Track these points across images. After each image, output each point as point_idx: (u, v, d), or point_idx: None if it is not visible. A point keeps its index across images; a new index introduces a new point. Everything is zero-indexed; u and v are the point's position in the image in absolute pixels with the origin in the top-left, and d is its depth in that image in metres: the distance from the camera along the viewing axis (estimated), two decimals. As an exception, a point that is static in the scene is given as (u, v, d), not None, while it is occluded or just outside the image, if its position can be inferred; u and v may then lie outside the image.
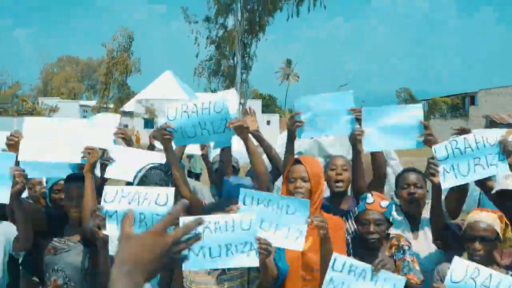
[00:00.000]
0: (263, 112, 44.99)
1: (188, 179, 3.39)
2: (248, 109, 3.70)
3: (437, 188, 2.82)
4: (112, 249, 2.49)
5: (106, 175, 3.25)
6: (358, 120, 3.05)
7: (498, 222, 2.59)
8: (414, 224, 3.21)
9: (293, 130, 3.07)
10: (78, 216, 2.96)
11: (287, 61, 65.93)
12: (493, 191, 2.98)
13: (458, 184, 2.82)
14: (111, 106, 39.57)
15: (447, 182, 2.78)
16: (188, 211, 2.45)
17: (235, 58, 28.75)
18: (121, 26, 41.54)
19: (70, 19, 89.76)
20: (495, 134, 2.77)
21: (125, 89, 40.46)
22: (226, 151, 3.50)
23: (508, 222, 2.64)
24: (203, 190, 4.19)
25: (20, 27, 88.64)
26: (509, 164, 2.70)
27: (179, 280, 2.57)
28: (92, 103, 47.30)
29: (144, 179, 2.78)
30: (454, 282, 2.42)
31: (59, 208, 3.25)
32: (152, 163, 2.93)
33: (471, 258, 2.59)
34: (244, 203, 2.53)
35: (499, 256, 2.81)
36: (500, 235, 2.59)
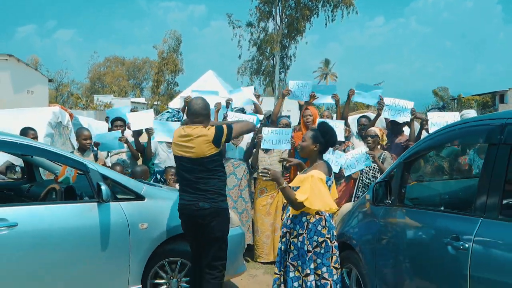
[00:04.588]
0: (300, 109, 46.76)
1: None
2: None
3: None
4: None
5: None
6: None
7: (379, 131, 5.73)
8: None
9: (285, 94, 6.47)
10: None
11: (325, 60, 64.63)
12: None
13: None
14: (157, 103, 41.54)
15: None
16: None
17: (274, 59, 30.81)
18: (168, 29, 42.17)
19: (113, 20, 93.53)
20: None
21: (174, 87, 42.56)
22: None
23: (383, 133, 5.88)
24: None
25: (63, 28, 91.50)
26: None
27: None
28: (141, 100, 49.28)
29: None
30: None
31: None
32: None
33: (368, 146, 5.85)
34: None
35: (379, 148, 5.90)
36: (380, 137, 5.82)
